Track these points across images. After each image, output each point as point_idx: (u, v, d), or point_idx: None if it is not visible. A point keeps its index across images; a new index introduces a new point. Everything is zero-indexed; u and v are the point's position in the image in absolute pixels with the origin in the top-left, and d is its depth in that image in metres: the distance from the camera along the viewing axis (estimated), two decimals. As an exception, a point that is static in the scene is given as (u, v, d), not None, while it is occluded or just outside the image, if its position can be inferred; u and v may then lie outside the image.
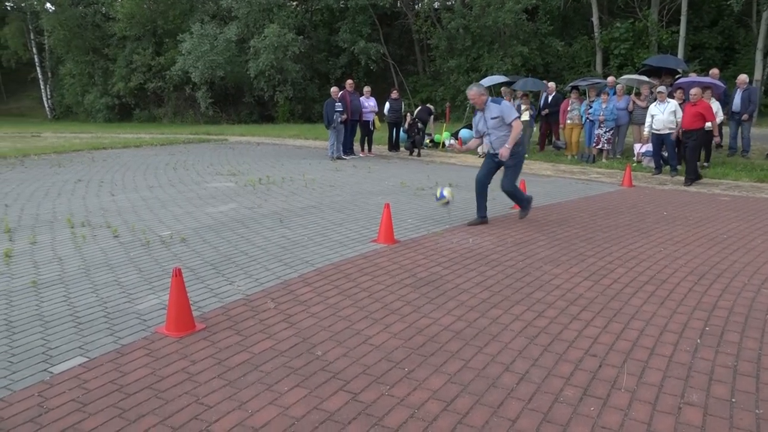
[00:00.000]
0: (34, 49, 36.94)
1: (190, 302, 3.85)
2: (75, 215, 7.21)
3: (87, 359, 3.27)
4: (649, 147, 11.31)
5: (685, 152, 10.42)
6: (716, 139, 10.68)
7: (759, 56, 20.37)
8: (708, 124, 10.18)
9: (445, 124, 17.16)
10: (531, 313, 4.01)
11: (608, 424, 2.67)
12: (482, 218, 6.73)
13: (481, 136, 6.81)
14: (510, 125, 6.43)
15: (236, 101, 30.34)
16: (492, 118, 6.49)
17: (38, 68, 37.08)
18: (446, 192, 6.70)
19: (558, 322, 3.87)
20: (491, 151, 6.71)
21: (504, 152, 6.42)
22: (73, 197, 8.56)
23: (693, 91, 10.10)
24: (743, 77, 12.35)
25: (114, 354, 3.34)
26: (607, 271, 4.98)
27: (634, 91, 13.25)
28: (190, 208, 7.69)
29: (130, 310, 4.02)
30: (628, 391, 2.97)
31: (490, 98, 6.61)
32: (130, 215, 7.23)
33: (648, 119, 10.72)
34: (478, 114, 6.68)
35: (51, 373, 3.11)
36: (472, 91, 6.52)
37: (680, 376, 3.12)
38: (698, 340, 3.58)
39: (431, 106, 15.54)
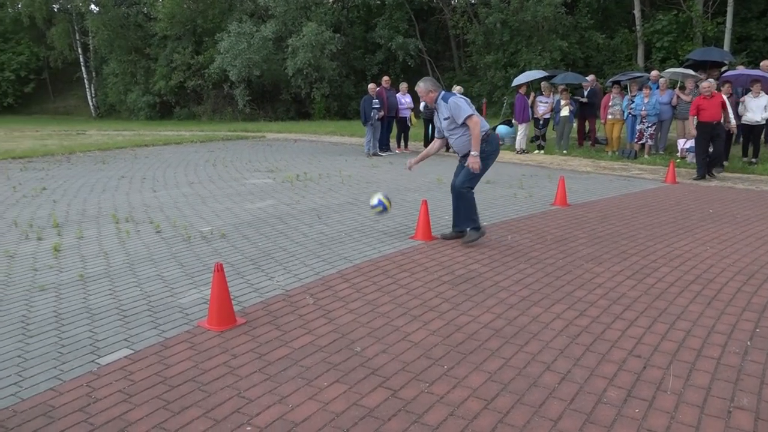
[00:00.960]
0: (80, 50, 38.01)
1: (231, 297, 3.90)
2: (119, 211, 7.40)
3: (132, 351, 3.35)
4: (693, 143, 10.98)
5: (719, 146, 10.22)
6: (732, 128, 10.40)
7: (811, 48, 19.56)
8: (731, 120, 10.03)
9: (481, 120, 17.00)
10: (572, 312, 3.94)
11: (654, 426, 2.60)
12: (459, 232, 5.74)
13: (443, 137, 5.79)
14: (466, 124, 5.37)
15: (273, 98, 30.67)
16: (444, 119, 5.47)
17: (83, 68, 38.16)
18: (382, 199, 5.76)
19: (600, 321, 3.79)
20: (459, 155, 5.74)
21: (473, 163, 5.35)
22: (117, 193, 8.78)
23: (704, 84, 9.98)
24: (797, 69, 11.90)
25: (158, 347, 3.41)
26: (651, 270, 4.86)
27: (678, 85, 12.89)
28: (229, 204, 7.81)
29: (173, 304, 4.10)
30: (675, 393, 2.89)
31: (442, 93, 5.50)
32: (171, 211, 7.38)
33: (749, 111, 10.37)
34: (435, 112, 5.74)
35: (98, 364, 3.20)
36: (419, 87, 5.53)
37: (729, 378, 3.03)
38: (748, 342, 3.46)
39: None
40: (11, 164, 12.67)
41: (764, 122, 11.01)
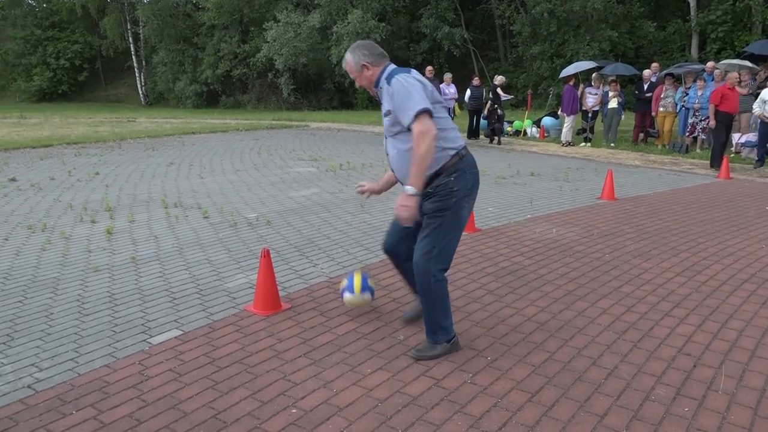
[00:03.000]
0: (130, 39, 39.01)
1: (277, 282, 3.97)
2: (168, 196, 7.60)
3: (182, 332, 3.45)
4: (749, 137, 10.58)
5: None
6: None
7: None
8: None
9: (526, 112, 16.75)
10: (619, 308, 3.86)
11: (704, 426, 2.54)
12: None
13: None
14: (409, 129, 2.89)
15: (317, 88, 30.86)
16: (384, 114, 3.06)
17: (133, 57, 39.18)
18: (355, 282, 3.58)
19: (648, 318, 3.71)
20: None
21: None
22: (166, 179, 9.02)
23: (731, 75, 10.07)
24: None
25: (206, 329, 3.50)
26: (702, 267, 4.72)
27: (734, 77, 12.39)
28: (274, 191, 7.92)
29: (220, 287, 4.20)
30: (726, 393, 2.81)
31: (388, 70, 3.06)
32: (218, 197, 7.54)
33: (758, 106, 9.96)
34: None
35: (150, 343, 3.31)
36: (346, 61, 3.14)
37: (785, 381, 2.92)
38: (806, 344, 3.34)
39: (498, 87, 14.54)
40: (66, 149, 13.14)
41: None
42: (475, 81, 14.73)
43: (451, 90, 14.24)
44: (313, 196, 7.54)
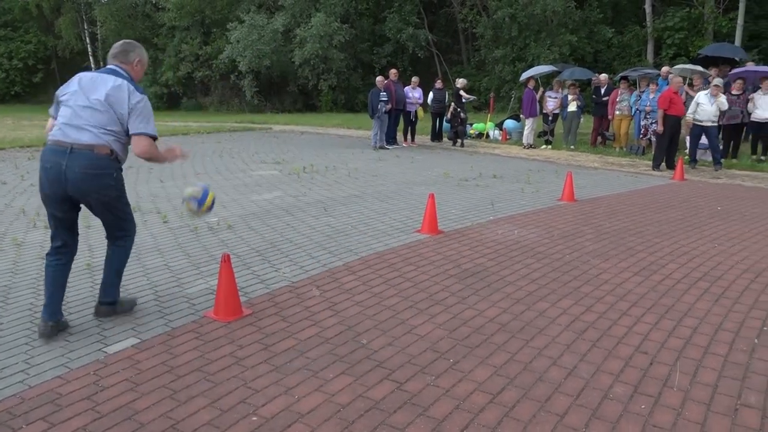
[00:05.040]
0: (87, 40, 38.05)
1: (238, 288, 3.91)
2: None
3: (139, 340, 3.36)
4: (703, 140, 10.92)
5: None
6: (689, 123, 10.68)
7: (823, 45, 19.37)
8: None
9: (489, 115, 16.94)
10: (579, 308, 3.93)
11: (660, 422, 2.59)
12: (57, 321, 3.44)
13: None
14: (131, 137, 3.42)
15: (280, 90, 30.63)
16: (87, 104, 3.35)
17: (91, 58, 38.17)
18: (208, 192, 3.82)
19: (607, 317, 3.78)
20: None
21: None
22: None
23: (676, 80, 10.45)
24: (809, 66, 11.80)
25: (165, 336, 3.42)
26: (658, 267, 4.84)
27: (687, 82, 12.79)
28: (236, 195, 7.81)
29: (180, 294, 4.11)
30: (681, 390, 2.88)
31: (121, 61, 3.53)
32: (178, 201, 7.39)
33: (692, 106, 10.31)
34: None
35: (105, 353, 3.21)
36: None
37: (737, 376, 3.01)
38: (756, 340, 3.45)
39: (461, 90, 14.64)
40: (19, 153, 12.71)
41: (711, 124, 10.74)
42: (438, 84, 14.83)
43: (416, 94, 14.30)
44: (276, 200, 7.47)
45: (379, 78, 13.67)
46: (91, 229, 5.93)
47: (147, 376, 2.96)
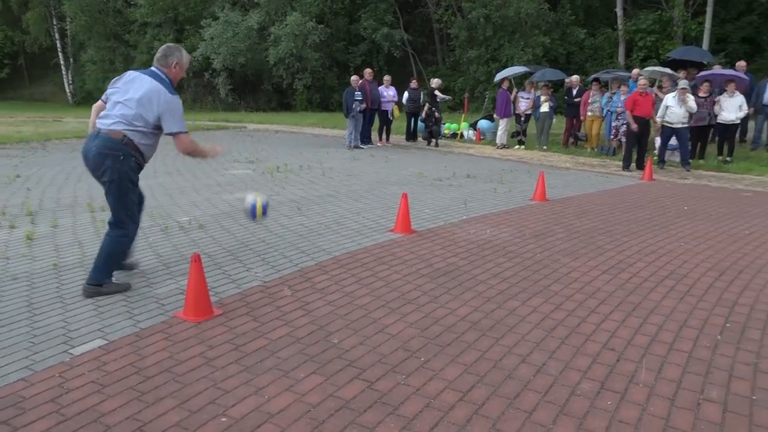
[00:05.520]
0: (56, 35, 37.26)
1: (208, 288, 3.88)
2: (95, 200, 7.29)
3: (106, 342, 3.31)
4: (672, 141, 11.14)
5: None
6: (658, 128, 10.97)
7: (787, 49, 19.91)
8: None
9: (463, 115, 17.05)
10: (548, 306, 3.98)
11: (625, 418, 2.64)
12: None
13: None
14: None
15: (255, 89, 30.39)
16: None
17: (60, 54, 37.42)
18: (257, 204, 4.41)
19: (576, 315, 3.84)
20: None
21: None
22: (93, 182, 8.62)
23: (641, 82, 10.63)
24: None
25: (133, 337, 3.37)
26: (626, 265, 4.93)
27: (657, 84, 13.04)
28: (208, 194, 7.73)
29: (149, 294, 4.06)
30: (647, 386, 2.94)
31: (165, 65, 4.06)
32: (149, 200, 7.26)
33: (662, 109, 10.54)
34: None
35: (71, 354, 3.15)
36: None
37: (700, 372, 3.08)
38: (719, 337, 3.53)
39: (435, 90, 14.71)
40: (-16, 151, 12.40)
41: (739, 121, 11.25)
42: (413, 84, 14.87)
43: (390, 92, 14.32)
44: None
45: (353, 77, 13.66)
46: (58, 229, 5.82)
47: (114, 378, 2.92)
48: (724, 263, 5.05)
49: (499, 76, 14.83)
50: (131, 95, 3.88)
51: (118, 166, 3.86)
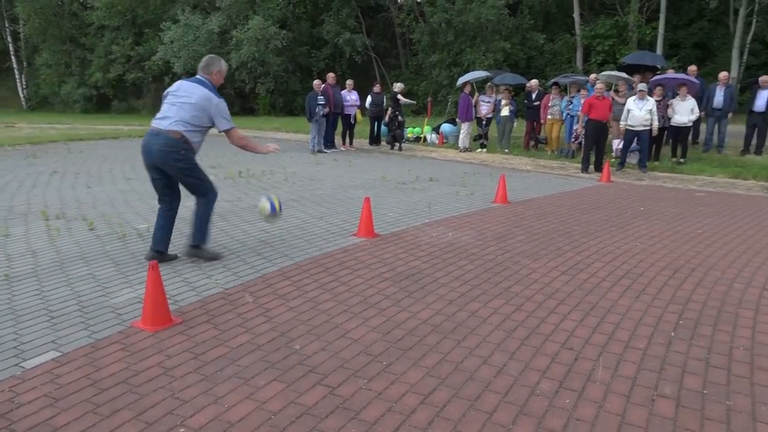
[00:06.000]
0: (9, 38, 36.12)
1: (167, 296, 3.81)
2: (50, 207, 7.09)
3: (60, 354, 3.22)
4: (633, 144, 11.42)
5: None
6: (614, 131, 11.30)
7: (735, 54, 20.69)
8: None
9: (426, 119, 17.16)
10: (509, 307, 4.03)
11: (582, 416, 2.70)
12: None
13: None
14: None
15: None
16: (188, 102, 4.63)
17: (13, 57, 36.27)
18: (273, 201, 4.93)
19: (535, 315, 3.90)
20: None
21: None
22: (47, 189, 8.41)
23: (598, 86, 10.91)
24: (725, 74, 12.57)
25: (88, 348, 3.29)
26: (585, 266, 5.03)
27: (613, 88, 13.37)
28: (168, 200, 7.59)
29: (105, 304, 3.96)
30: (603, 383, 3.00)
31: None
32: (106, 207, 7.13)
33: (624, 113, 10.85)
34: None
35: (23, 368, 3.06)
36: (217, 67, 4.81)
37: (654, 368, 3.17)
38: (672, 333, 3.64)
39: (398, 94, 14.80)
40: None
41: (691, 124, 11.62)
42: (376, 88, 14.91)
43: (352, 96, 14.32)
44: (210, 205, 7.30)
45: (316, 82, 13.62)
46: (9, 238, 5.63)
47: (68, 391, 2.84)
48: (678, 262, 5.20)
49: (461, 81, 14.99)
50: (185, 100, 4.59)
51: (182, 157, 4.62)
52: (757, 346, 3.48)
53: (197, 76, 4.75)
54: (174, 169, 4.66)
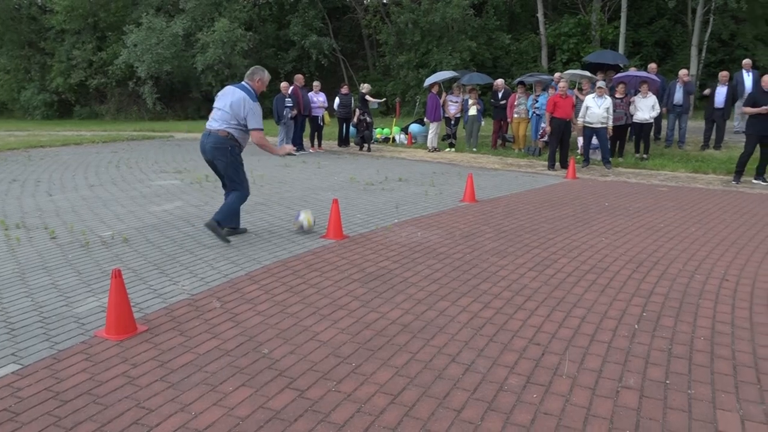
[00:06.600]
0: (-35, 43, 35.03)
1: (132, 304, 3.75)
2: (9, 217, 6.90)
3: (20, 366, 3.14)
4: (594, 141, 11.63)
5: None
6: (578, 129, 11.46)
7: (694, 52, 21.20)
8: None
9: (395, 119, 17.20)
10: (477, 305, 4.07)
11: (550, 410, 2.74)
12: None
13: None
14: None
15: (183, 97, 29.58)
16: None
17: (-31, 63, 35.19)
18: (303, 216, 5.94)
19: (503, 312, 3.94)
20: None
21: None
22: (7, 198, 8.19)
23: (561, 84, 11.10)
24: (685, 72, 12.86)
25: (50, 360, 3.21)
26: (551, 262, 5.10)
27: (577, 86, 13.59)
28: (133, 207, 7.47)
29: (68, 313, 3.88)
30: (569, 377, 3.05)
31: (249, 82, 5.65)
32: (69, 215, 6.97)
33: (582, 110, 11.02)
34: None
35: (-19, 382, 2.97)
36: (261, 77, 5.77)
37: (619, 360, 3.23)
38: (636, 326, 3.71)
39: (366, 95, 14.83)
40: None
41: (652, 120, 11.88)
42: (344, 89, 14.88)
43: (320, 98, 14.27)
44: (176, 210, 7.21)
45: (283, 84, 13.54)
46: (-33, 249, 5.47)
47: (29, 404, 2.77)
48: (641, 255, 5.31)
49: (428, 81, 15.06)
50: (227, 101, 5.49)
51: (228, 153, 5.51)
52: (717, 335, 3.58)
53: (242, 83, 5.63)
54: (221, 164, 5.55)
